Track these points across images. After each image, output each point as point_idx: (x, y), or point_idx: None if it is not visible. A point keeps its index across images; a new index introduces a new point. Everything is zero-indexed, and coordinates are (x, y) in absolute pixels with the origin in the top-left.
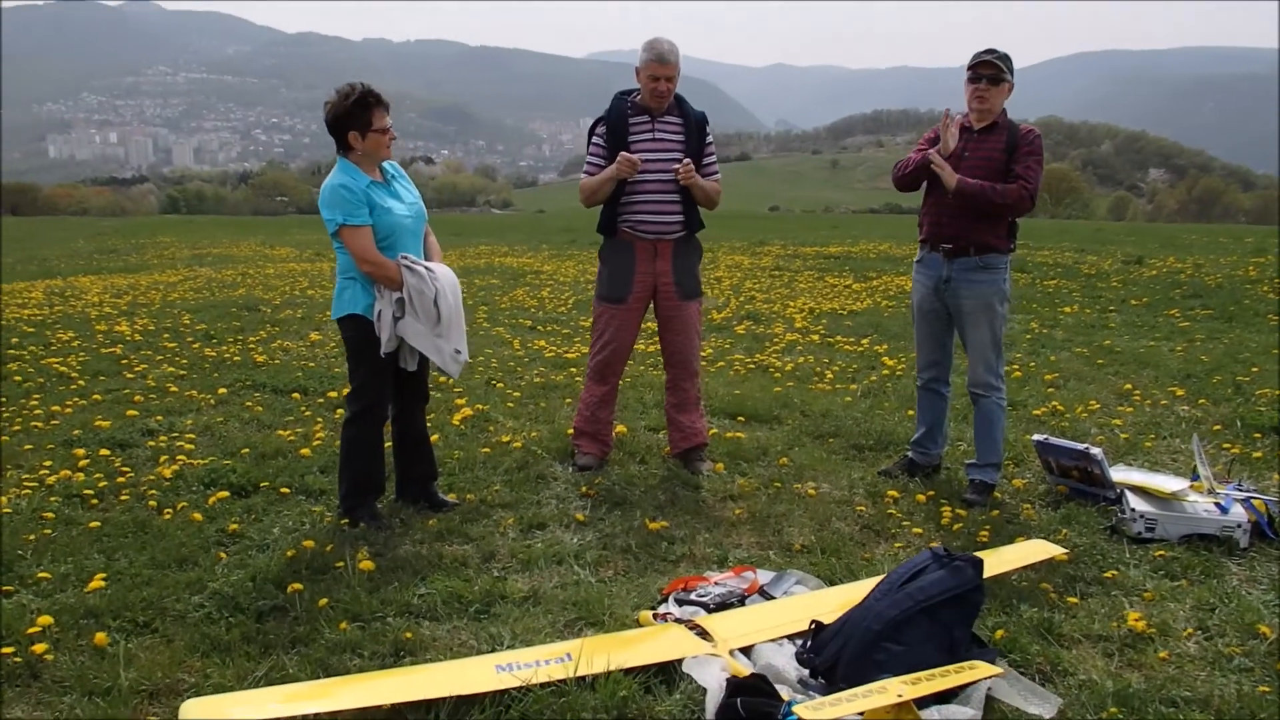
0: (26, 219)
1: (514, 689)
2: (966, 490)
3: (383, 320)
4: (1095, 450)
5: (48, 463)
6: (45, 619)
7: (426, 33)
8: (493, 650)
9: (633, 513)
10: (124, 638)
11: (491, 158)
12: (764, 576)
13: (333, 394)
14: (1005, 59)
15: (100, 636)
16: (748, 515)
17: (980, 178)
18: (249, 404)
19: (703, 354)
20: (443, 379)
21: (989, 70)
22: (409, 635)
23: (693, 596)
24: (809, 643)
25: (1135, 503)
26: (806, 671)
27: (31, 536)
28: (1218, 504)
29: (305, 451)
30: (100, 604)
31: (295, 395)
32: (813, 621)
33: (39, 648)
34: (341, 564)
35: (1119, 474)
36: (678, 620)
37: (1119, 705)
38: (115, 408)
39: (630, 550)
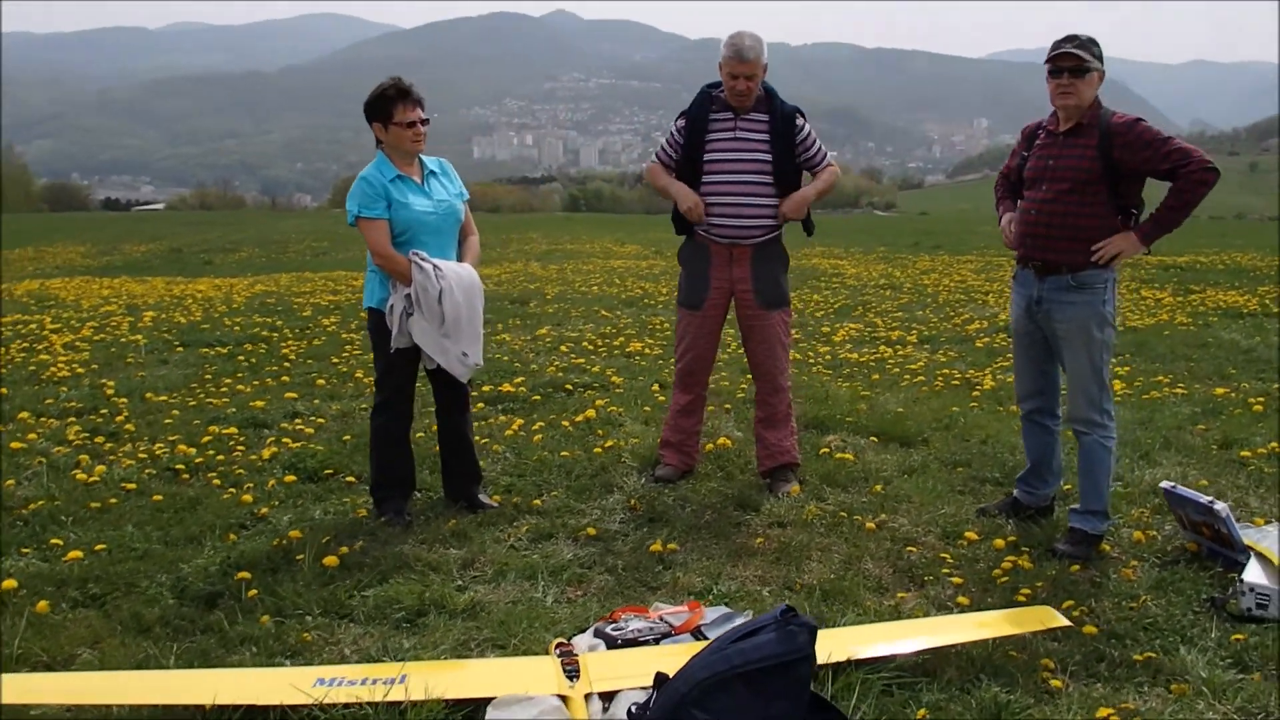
0: None
1: (309, 705)
2: (1060, 539)
3: (394, 315)
4: (1219, 505)
5: (175, 435)
6: (10, 583)
7: (824, 35)
8: (371, 661)
9: (658, 532)
10: (70, 608)
11: (880, 159)
12: (710, 614)
13: (487, 388)
14: (1089, 44)
15: (42, 605)
16: (774, 545)
17: (1068, 187)
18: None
19: (913, 366)
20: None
21: (1070, 62)
22: (306, 637)
23: (608, 629)
24: (651, 697)
25: (1250, 573)
26: None
27: (96, 504)
28: None
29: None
30: (72, 574)
31: None
32: (658, 673)
33: None
34: (301, 557)
35: (1253, 535)
36: (562, 654)
37: None
38: (297, 388)
39: (615, 571)
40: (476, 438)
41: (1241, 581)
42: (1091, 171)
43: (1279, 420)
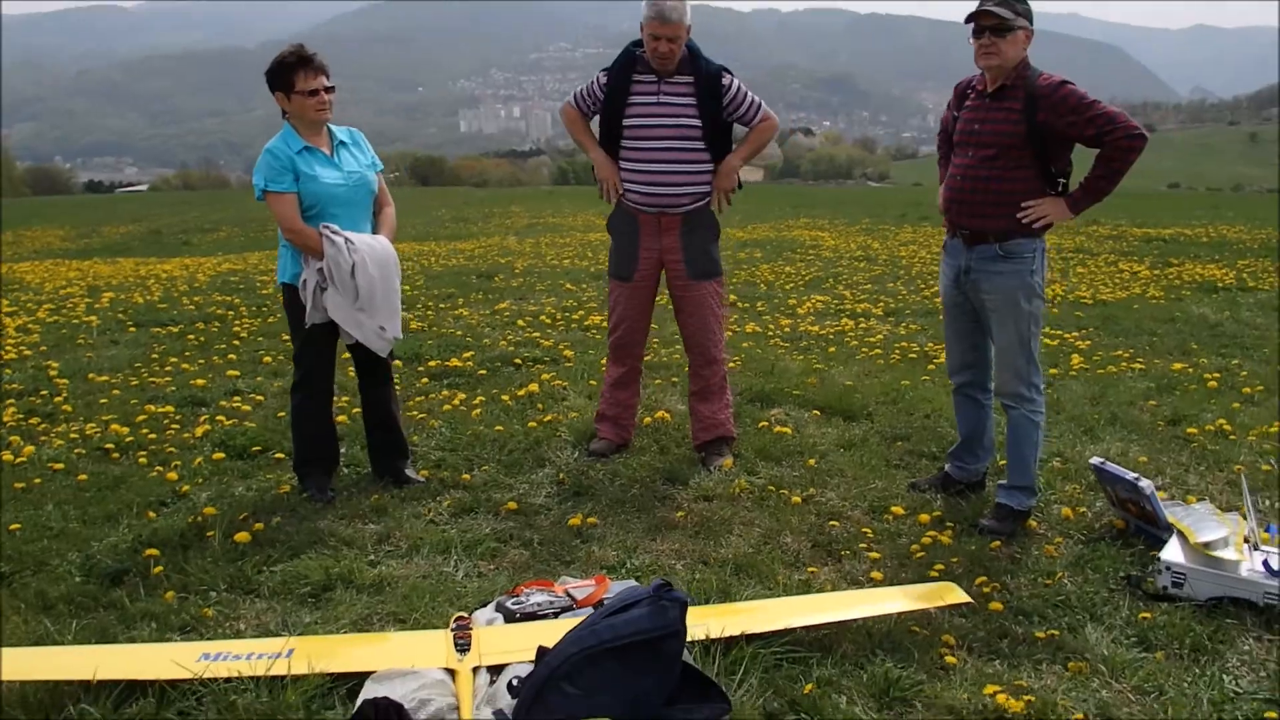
0: (430, 189)
1: (189, 680)
2: (987, 515)
3: (307, 290)
4: (1145, 483)
5: (110, 415)
6: None
7: (816, 1)
8: (271, 635)
9: (582, 506)
10: None
11: (874, 129)
12: (616, 588)
13: (433, 363)
14: (1013, 1)
15: None
16: (696, 520)
17: (994, 153)
18: (350, 371)
19: (872, 339)
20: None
21: (990, 20)
22: (207, 612)
23: (509, 603)
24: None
25: (1168, 551)
26: (511, 703)
27: (20, 485)
28: (1266, 562)
29: (343, 419)
30: None
31: (398, 363)
32: (540, 646)
33: None
34: (212, 534)
35: (1179, 513)
36: (458, 627)
37: None
38: (241, 365)
39: (531, 545)
40: (415, 413)
41: (1159, 560)
42: (1016, 136)
43: (1231, 398)
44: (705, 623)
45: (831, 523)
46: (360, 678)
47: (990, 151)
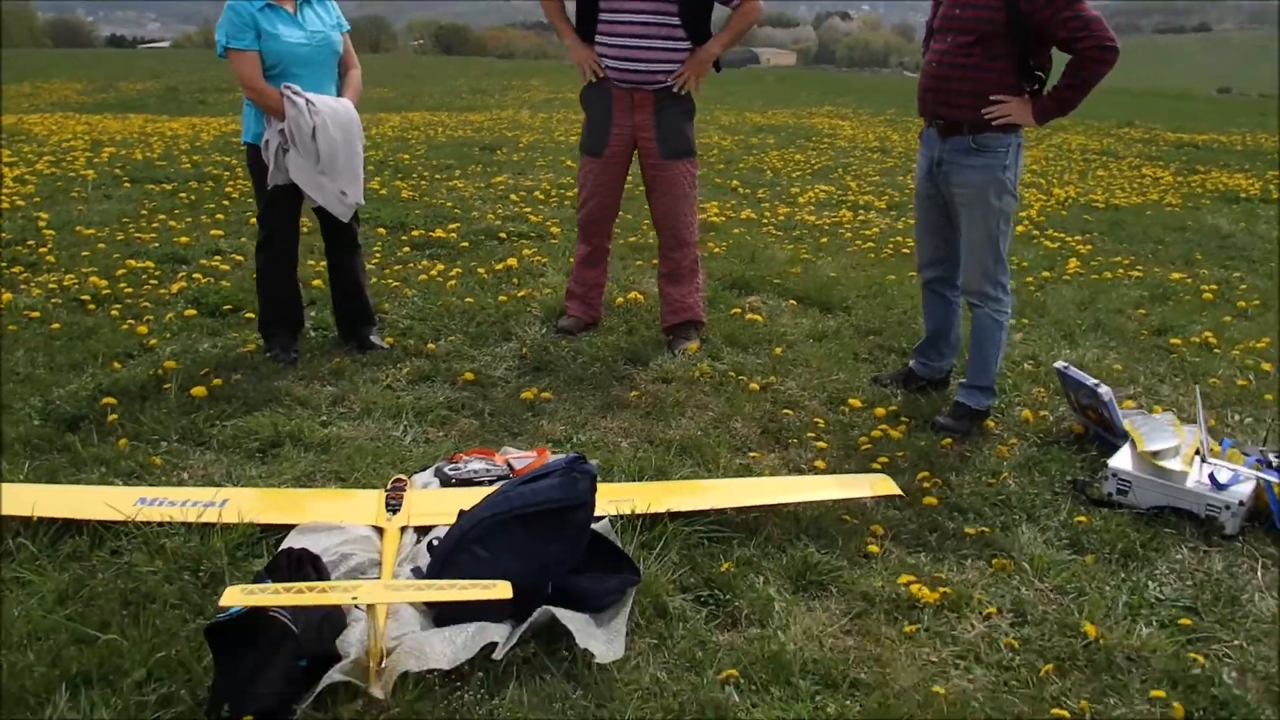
0: (453, 58)
1: (121, 521)
2: (944, 412)
3: (269, 150)
4: (1104, 390)
5: (91, 268)
6: None
7: None
8: (214, 486)
9: (540, 380)
10: None
11: (915, 16)
12: (555, 461)
13: (416, 233)
14: None
15: None
16: (650, 400)
17: (973, 40)
18: None
19: (868, 231)
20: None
21: None
22: (155, 461)
23: (446, 469)
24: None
25: (1116, 458)
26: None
27: None
28: (1212, 475)
29: (317, 284)
30: None
31: (381, 230)
32: (461, 509)
33: None
34: (169, 386)
35: (1137, 421)
36: (393, 489)
37: (736, 667)
38: (227, 225)
39: (483, 415)
40: (390, 281)
41: (1106, 465)
42: (995, 23)
43: (1224, 311)
44: (633, 498)
45: (785, 411)
46: (287, 530)
47: (969, 39)
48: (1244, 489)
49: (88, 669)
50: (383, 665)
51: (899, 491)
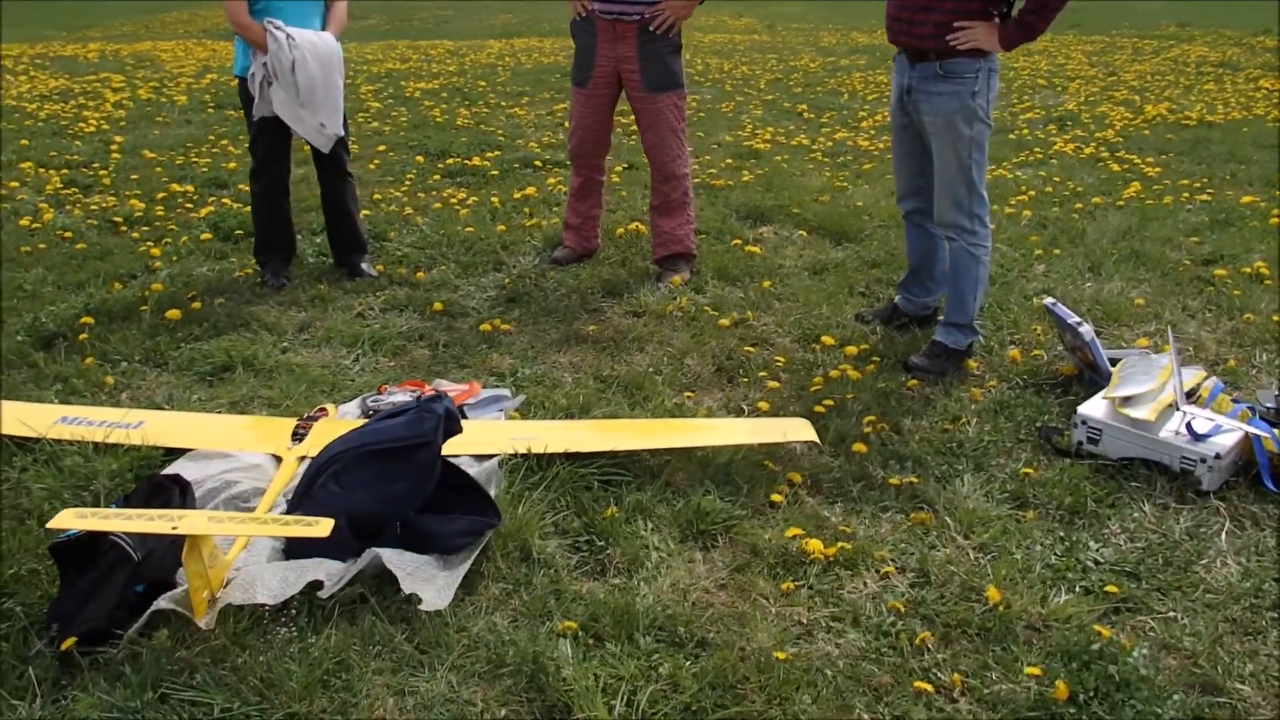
0: None
1: (36, 438)
2: (919, 351)
3: (255, 83)
4: (1085, 328)
5: (136, 191)
6: None
7: None
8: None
9: (509, 312)
10: None
11: None
12: (483, 395)
13: (452, 161)
14: None
15: None
16: (611, 334)
17: None
18: (372, 164)
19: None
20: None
21: None
22: (109, 380)
23: (369, 400)
24: None
25: (1089, 404)
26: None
27: (26, 249)
28: (1190, 425)
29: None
30: None
31: (420, 158)
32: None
33: None
34: (145, 309)
35: (1133, 363)
36: (307, 419)
37: (581, 619)
38: None
39: (437, 347)
40: (407, 209)
41: (1076, 413)
42: None
43: None
44: (535, 437)
45: (748, 349)
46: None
47: None
48: (1225, 440)
49: None
50: (216, 596)
51: (814, 438)
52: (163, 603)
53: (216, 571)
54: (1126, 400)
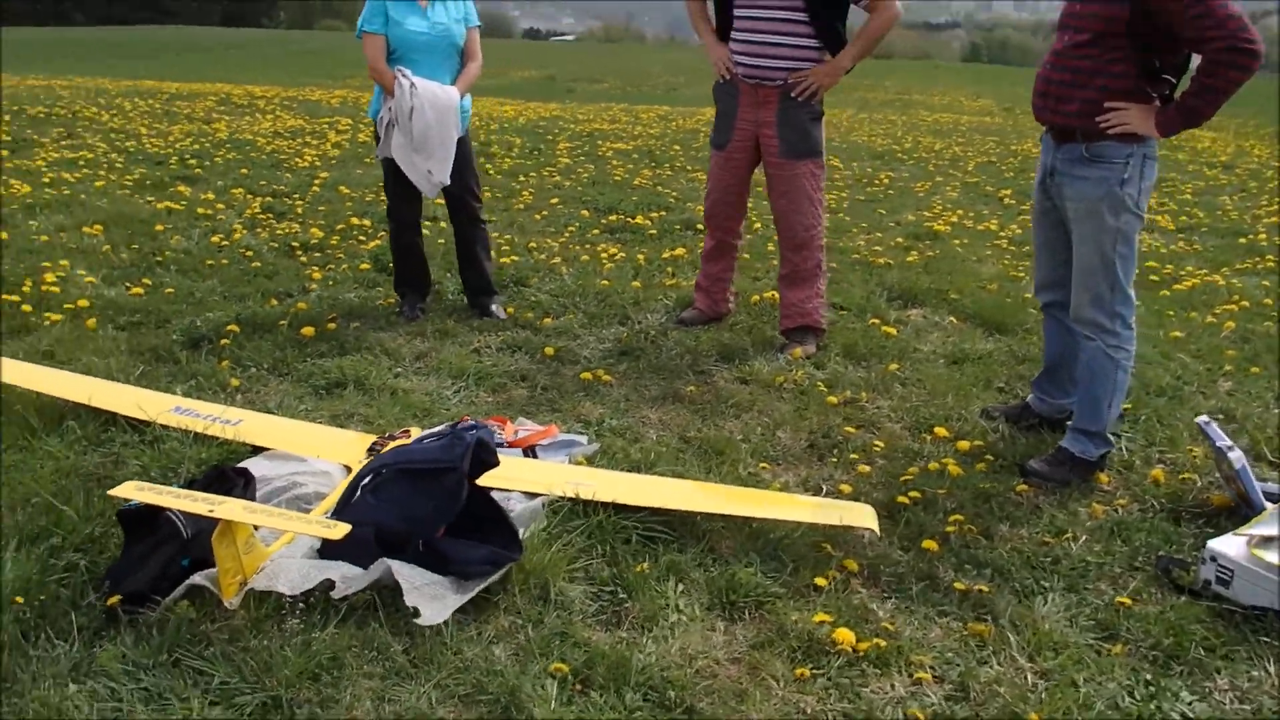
0: None
1: (149, 421)
2: (1041, 456)
3: (381, 126)
4: (1235, 454)
5: (321, 221)
6: (84, 302)
7: None
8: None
9: (616, 364)
10: (113, 328)
11: None
12: (560, 438)
13: (614, 218)
14: None
15: (90, 322)
16: (710, 398)
17: (1088, 38)
18: (540, 214)
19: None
20: None
21: None
22: (235, 382)
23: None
24: None
25: (1221, 539)
26: None
27: (210, 262)
28: None
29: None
30: (128, 304)
31: (585, 212)
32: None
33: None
34: (283, 323)
35: None
36: (389, 437)
37: (575, 663)
38: None
39: (536, 388)
40: (555, 259)
41: (1206, 547)
42: (1116, 19)
43: None
44: (585, 482)
45: (848, 428)
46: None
47: (1085, 36)
48: None
49: (36, 530)
50: (246, 579)
51: (874, 526)
52: (198, 578)
53: (252, 559)
54: (1265, 541)
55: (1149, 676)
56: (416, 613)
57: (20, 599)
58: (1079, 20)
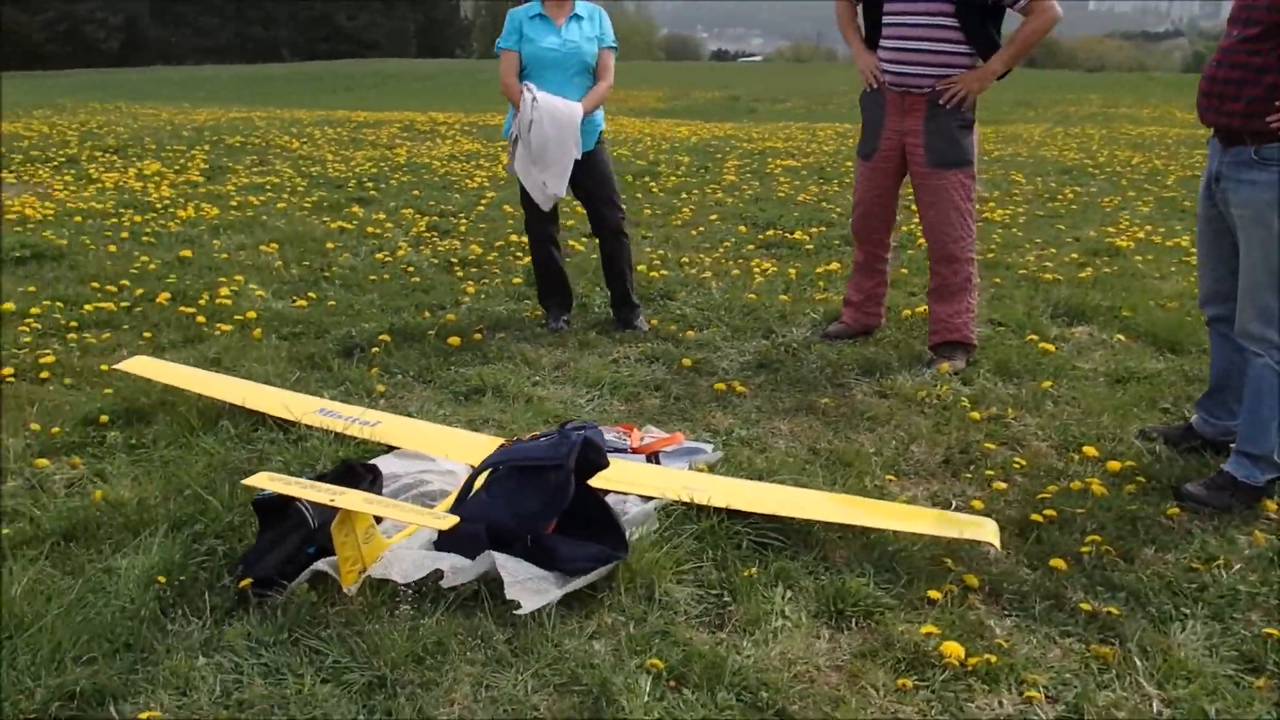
0: (1033, 71)
1: (293, 421)
2: (1200, 479)
3: (511, 140)
4: None
5: (480, 239)
6: (251, 314)
7: None
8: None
9: (753, 377)
10: (277, 338)
11: None
12: (684, 445)
13: (771, 233)
14: None
15: (256, 332)
16: (845, 411)
17: (1258, 31)
18: (697, 229)
19: None
20: None
21: None
22: (380, 388)
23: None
24: None
25: None
26: None
27: (373, 277)
28: None
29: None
30: (292, 315)
31: (743, 228)
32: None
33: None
34: (431, 333)
35: None
36: (513, 441)
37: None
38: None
39: (669, 398)
40: (705, 273)
41: None
42: None
43: None
44: (701, 487)
45: (987, 444)
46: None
47: (1255, 30)
48: None
49: (183, 516)
50: (365, 568)
51: (994, 541)
52: (321, 565)
53: (372, 548)
54: None
55: None
56: (518, 605)
57: (163, 579)
58: (1249, 12)
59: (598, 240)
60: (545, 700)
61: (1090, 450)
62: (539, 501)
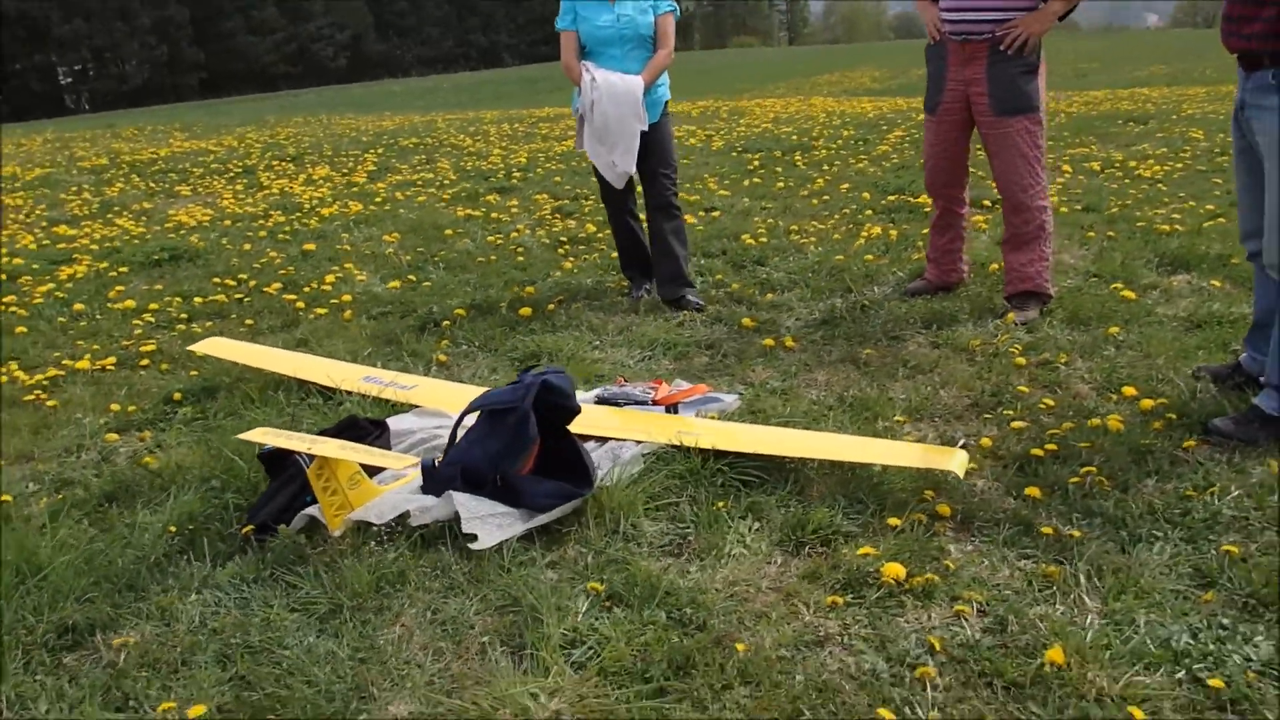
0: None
1: (335, 389)
2: (1227, 415)
3: (578, 118)
4: None
5: (597, 219)
6: (346, 296)
7: None
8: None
9: (811, 333)
10: (365, 317)
11: None
12: (708, 396)
13: (893, 197)
14: None
15: (347, 314)
16: (887, 361)
17: None
18: (819, 200)
19: None
20: None
21: None
22: (442, 358)
23: (605, 390)
24: None
25: None
26: None
27: (480, 259)
28: None
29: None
30: (386, 296)
31: (865, 195)
32: None
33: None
34: (503, 304)
35: None
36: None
37: (610, 584)
38: (731, 186)
39: (717, 355)
40: (810, 239)
41: None
42: None
43: None
44: (692, 432)
45: (1023, 388)
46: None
47: None
48: None
49: (210, 475)
50: (349, 512)
51: (958, 470)
52: (312, 510)
53: (359, 494)
54: None
55: (1226, 621)
56: (472, 538)
57: (174, 528)
58: None
59: (646, 212)
60: (483, 621)
61: (1129, 390)
62: (500, 443)
